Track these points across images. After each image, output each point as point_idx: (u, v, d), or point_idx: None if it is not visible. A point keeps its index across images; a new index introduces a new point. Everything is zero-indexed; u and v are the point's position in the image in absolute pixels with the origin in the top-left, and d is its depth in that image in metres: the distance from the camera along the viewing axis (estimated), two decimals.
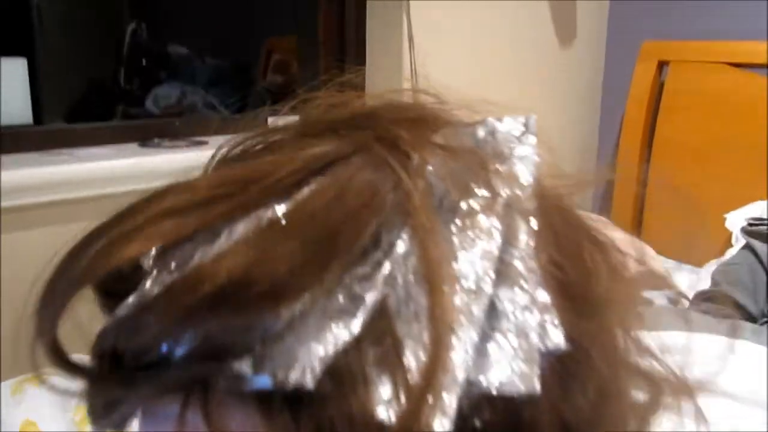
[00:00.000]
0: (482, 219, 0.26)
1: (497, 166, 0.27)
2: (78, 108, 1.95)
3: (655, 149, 1.90)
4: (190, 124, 1.48)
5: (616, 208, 1.96)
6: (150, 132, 1.40)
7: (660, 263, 1.53)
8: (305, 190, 0.25)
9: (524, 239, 0.26)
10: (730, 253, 1.49)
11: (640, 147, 1.90)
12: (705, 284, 1.38)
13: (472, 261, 0.25)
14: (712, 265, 1.50)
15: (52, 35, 1.81)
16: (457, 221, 0.26)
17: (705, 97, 1.81)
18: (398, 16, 1.56)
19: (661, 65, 1.88)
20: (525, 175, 0.27)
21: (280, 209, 0.25)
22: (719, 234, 1.60)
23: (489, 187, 0.26)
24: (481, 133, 0.29)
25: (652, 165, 1.91)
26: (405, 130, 0.28)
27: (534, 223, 0.26)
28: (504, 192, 0.26)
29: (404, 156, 0.27)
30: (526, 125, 0.28)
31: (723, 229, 1.59)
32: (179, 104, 2.07)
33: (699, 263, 1.60)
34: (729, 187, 1.73)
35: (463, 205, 0.26)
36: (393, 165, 0.26)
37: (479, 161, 0.27)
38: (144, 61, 2.05)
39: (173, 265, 0.24)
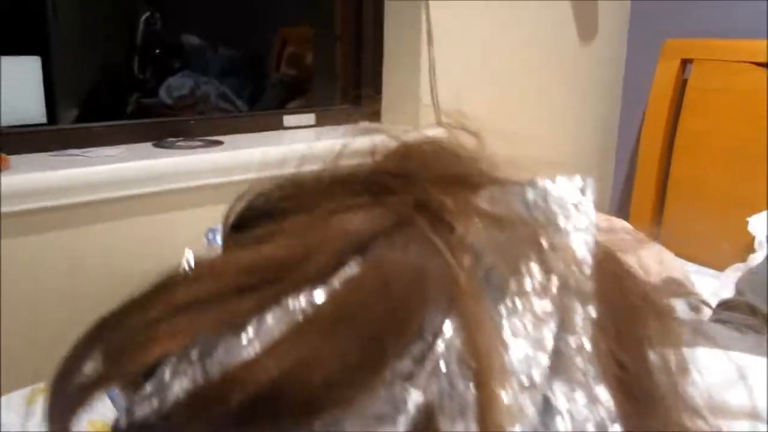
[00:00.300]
0: (535, 302, 0.23)
1: (550, 237, 0.25)
2: (92, 101, 1.93)
3: (677, 148, 1.87)
4: (204, 124, 1.46)
5: (635, 207, 1.92)
6: (164, 131, 1.39)
7: (681, 267, 1.49)
8: (343, 276, 0.23)
9: (581, 325, 0.23)
10: (753, 259, 1.46)
11: (661, 146, 1.87)
12: (727, 290, 1.35)
13: (524, 351, 0.23)
14: (733, 270, 1.47)
15: (68, 33, 1.79)
16: (507, 302, 0.23)
17: (728, 96, 1.77)
18: (417, 15, 1.53)
19: (684, 63, 1.84)
20: (582, 249, 0.25)
21: (317, 298, 0.22)
22: (741, 237, 1.57)
23: (542, 262, 0.24)
24: (530, 195, 0.26)
25: (673, 164, 1.87)
26: (447, 195, 0.26)
27: (592, 310, 0.23)
28: (558, 269, 0.24)
29: (448, 229, 0.24)
30: (582, 190, 0.26)
31: (745, 232, 1.56)
32: (192, 95, 2.06)
33: (720, 267, 1.57)
34: (752, 189, 1.69)
35: (513, 284, 0.24)
36: (437, 243, 0.24)
37: (530, 232, 0.25)
38: (157, 51, 2.04)
39: (195, 355, 0.22)
